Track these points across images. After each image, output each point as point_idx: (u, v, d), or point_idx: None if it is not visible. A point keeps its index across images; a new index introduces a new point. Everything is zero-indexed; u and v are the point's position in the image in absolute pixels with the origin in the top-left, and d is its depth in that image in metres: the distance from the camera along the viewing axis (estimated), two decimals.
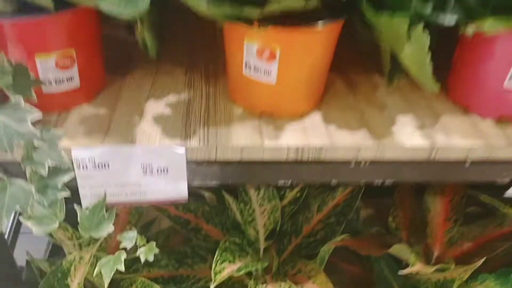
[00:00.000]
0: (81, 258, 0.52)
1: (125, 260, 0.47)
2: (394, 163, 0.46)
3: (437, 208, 0.71)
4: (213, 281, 0.53)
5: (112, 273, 0.46)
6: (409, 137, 0.44)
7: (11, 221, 0.81)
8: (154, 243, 0.49)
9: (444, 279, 0.64)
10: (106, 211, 0.45)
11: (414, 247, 0.69)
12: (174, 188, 0.47)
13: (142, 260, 0.48)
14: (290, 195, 0.69)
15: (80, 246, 0.60)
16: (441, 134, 0.45)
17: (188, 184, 0.46)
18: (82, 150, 0.42)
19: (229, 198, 0.67)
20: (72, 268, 0.53)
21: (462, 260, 0.68)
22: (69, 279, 0.53)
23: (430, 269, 0.59)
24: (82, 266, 0.52)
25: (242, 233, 0.67)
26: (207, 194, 0.74)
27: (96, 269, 0.47)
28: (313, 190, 0.70)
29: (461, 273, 0.62)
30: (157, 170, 0.45)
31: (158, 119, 0.46)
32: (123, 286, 0.61)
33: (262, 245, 0.67)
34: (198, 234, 0.66)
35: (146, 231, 0.70)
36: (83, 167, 0.43)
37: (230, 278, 0.67)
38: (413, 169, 0.47)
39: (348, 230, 0.66)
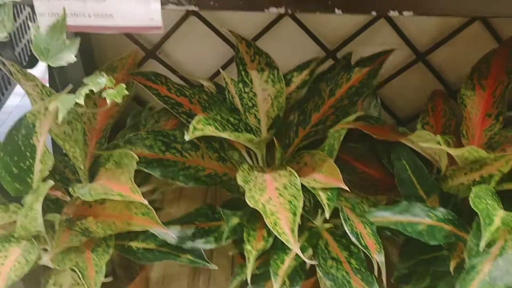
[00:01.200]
0: (46, 109, 0.44)
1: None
2: None
3: (475, 102, 0.60)
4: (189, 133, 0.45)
5: (70, 106, 0.38)
6: None
7: None
8: (124, 86, 0.41)
9: (481, 178, 0.53)
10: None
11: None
12: (146, 10, 0.38)
13: (108, 101, 0.40)
14: (297, 79, 0.59)
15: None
16: None
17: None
18: None
19: (226, 78, 0.59)
20: (38, 123, 0.45)
21: None
22: (34, 138, 0.46)
23: (463, 152, 0.48)
24: (48, 119, 0.45)
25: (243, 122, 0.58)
26: (206, 83, 0.65)
27: (59, 115, 0.40)
28: (323, 74, 0.60)
29: (502, 165, 0.50)
30: None
31: None
32: (102, 162, 0.54)
33: (263, 135, 0.58)
34: (190, 119, 0.58)
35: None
36: None
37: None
38: None
39: None
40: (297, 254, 0.52)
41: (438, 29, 0.76)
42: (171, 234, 0.52)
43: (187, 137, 0.45)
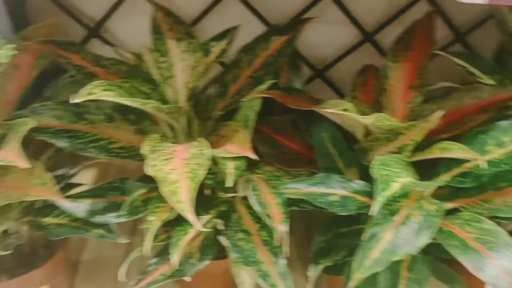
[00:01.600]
0: None
1: None
2: None
3: (398, 74, 0.58)
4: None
5: None
6: None
7: None
8: (9, 46, 0.39)
9: (397, 149, 0.52)
10: None
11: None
12: None
13: None
14: (216, 49, 0.57)
15: None
16: None
17: None
18: None
19: (143, 47, 0.57)
20: None
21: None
22: None
23: (373, 120, 0.47)
24: None
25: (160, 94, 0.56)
26: (127, 54, 0.63)
27: None
28: (246, 46, 0.58)
29: (415, 134, 0.49)
30: None
31: None
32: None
33: (182, 107, 0.56)
34: None
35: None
36: None
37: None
38: None
39: None
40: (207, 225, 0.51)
41: (385, 8, 0.76)
42: (70, 205, 0.50)
43: (76, 100, 0.43)
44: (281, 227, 0.46)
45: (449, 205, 0.51)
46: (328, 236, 0.55)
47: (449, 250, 0.46)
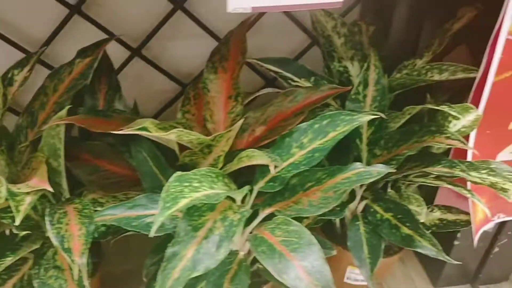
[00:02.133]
0: None
1: None
2: None
3: (218, 85, 0.59)
4: None
5: None
6: None
7: None
8: None
9: (215, 161, 0.52)
10: None
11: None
12: None
13: None
14: (19, 77, 0.54)
15: None
16: None
17: None
18: None
19: None
20: None
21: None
22: None
23: (173, 136, 0.46)
24: None
25: None
26: None
27: None
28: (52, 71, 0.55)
29: (224, 145, 0.49)
30: None
31: None
32: None
33: None
34: None
35: None
36: None
37: None
38: None
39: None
40: None
41: (240, 17, 0.77)
42: None
43: None
44: (79, 260, 0.44)
45: (267, 211, 0.52)
46: (155, 259, 0.53)
47: (258, 257, 0.46)
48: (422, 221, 0.53)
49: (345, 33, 0.64)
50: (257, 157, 0.48)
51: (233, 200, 0.51)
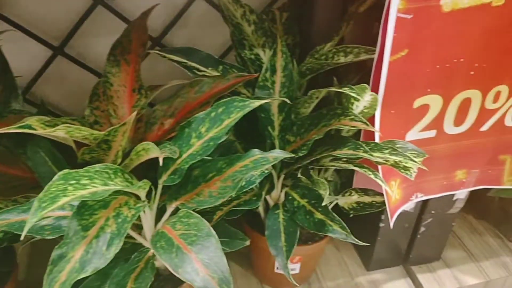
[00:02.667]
0: None
1: None
2: None
3: (121, 78, 0.56)
4: None
5: None
6: None
7: None
8: None
9: (115, 156, 0.50)
10: None
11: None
12: None
13: None
14: None
15: None
16: None
17: None
18: None
19: None
20: None
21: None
22: None
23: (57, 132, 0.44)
24: None
25: None
26: None
27: None
28: None
29: (121, 139, 0.47)
30: None
31: None
32: None
33: None
34: None
35: None
36: None
37: None
38: None
39: None
40: None
41: (166, 11, 0.75)
42: None
43: None
44: None
45: (174, 205, 0.50)
46: None
47: (156, 254, 0.44)
48: (324, 204, 0.52)
49: (254, 20, 0.63)
50: (152, 150, 0.46)
51: (138, 197, 0.50)
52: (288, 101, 0.52)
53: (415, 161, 0.49)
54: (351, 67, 0.63)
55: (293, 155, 0.48)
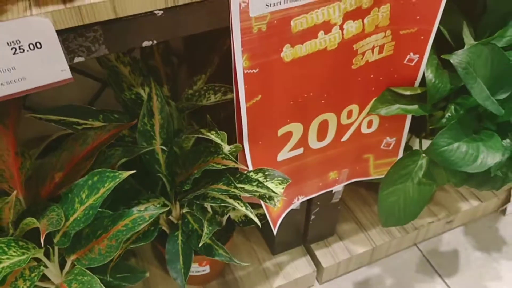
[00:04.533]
0: None
1: None
2: None
3: (3, 143, 0.59)
4: None
5: None
6: None
7: None
8: None
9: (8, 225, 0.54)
10: None
11: None
12: None
13: None
14: None
15: None
16: None
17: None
18: None
19: None
20: None
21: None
22: None
23: None
24: None
25: None
26: None
27: None
28: None
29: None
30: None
31: None
32: None
33: None
34: None
35: None
36: None
37: None
38: None
39: None
40: None
41: None
42: None
43: None
44: None
45: (73, 257, 0.56)
46: None
47: None
48: (202, 243, 0.60)
49: (129, 61, 0.66)
50: (37, 224, 0.51)
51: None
52: (165, 148, 0.57)
53: (277, 193, 0.57)
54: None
55: (164, 210, 0.54)
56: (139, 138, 0.62)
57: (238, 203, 0.58)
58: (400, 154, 0.75)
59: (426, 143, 0.77)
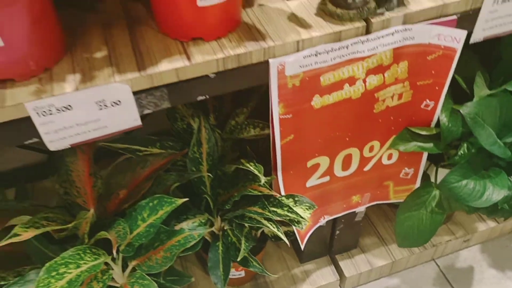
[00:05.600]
0: None
1: None
2: None
3: (79, 165, 0.72)
4: None
5: None
6: None
7: None
8: None
9: (83, 236, 0.67)
10: None
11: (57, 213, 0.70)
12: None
13: None
14: None
15: None
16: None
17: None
18: None
19: None
20: None
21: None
22: None
23: None
24: None
25: None
26: None
27: None
28: None
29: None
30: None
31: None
32: None
33: None
34: None
35: None
36: None
37: None
38: None
39: None
40: None
41: None
42: None
43: None
44: None
45: (134, 263, 0.68)
46: None
47: None
48: (240, 257, 0.70)
49: None
50: (106, 236, 0.63)
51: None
52: (211, 176, 0.68)
53: (304, 218, 0.67)
54: None
55: (210, 229, 0.65)
56: (189, 164, 0.74)
57: (271, 224, 0.69)
58: (418, 182, 0.83)
59: (443, 172, 0.84)
